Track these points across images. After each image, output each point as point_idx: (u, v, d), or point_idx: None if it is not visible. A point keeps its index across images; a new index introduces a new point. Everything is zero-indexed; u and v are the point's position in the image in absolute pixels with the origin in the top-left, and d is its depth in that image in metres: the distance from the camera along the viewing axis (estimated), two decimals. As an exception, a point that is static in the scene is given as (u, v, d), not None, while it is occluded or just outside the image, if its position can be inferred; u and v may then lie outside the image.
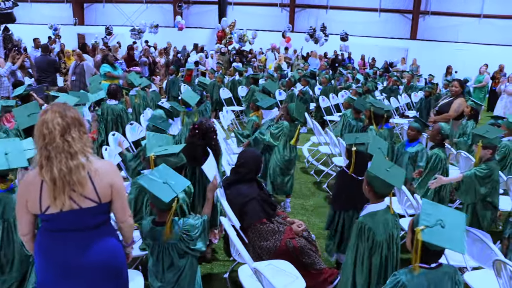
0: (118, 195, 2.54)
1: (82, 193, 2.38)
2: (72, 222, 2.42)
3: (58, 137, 2.32)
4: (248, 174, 4.32)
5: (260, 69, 15.50)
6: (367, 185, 3.22)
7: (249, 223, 4.10)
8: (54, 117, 2.34)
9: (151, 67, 15.16)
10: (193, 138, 4.43)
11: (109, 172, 2.49)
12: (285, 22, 23.97)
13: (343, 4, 24.04)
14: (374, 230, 3.12)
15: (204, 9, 25.79)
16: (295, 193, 6.80)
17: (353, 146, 4.15)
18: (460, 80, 7.93)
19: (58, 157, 2.32)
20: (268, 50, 18.99)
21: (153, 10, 25.91)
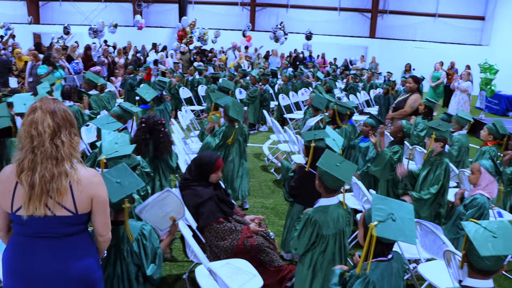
0: (99, 208, 2.37)
1: (60, 202, 2.23)
2: (43, 229, 2.26)
3: (48, 140, 2.18)
4: (201, 176, 4.28)
5: (221, 68, 15.45)
6: (318, 180, 3.26)
7: (205, 223, 4.07)
8: (45, 117, 2.19)
9: (110, 67, 14.88)
10: (139, 132, 4.46)
11: (92, 183, 2.31)
12: (246, 21, 24.00)
13: (304, 3, 24.26)
14: (320, 224, 3.15)
15: (165, 8, 25.52)
16: (254, 192, 6.81)
17: (312, 142, 4.18)
18: (414, 77, 8.12)
19: (45, 162, 2.18)
20: (229, 49, 18.96)
21: (112, 9, 25.44)
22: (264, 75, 11.63)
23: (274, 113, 11.66)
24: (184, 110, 8.43)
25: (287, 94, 11.18)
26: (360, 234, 2.63)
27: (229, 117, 5.68)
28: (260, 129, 11.09)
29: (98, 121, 4.86)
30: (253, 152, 8.86)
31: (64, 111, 2.28)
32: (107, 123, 4.67)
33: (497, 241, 2.22)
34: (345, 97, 12.51)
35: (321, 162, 3.19)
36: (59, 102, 2.31)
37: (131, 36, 20.86)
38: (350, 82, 13.51)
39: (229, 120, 5.73)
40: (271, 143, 8.92)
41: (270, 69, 13.98)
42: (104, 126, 4.58)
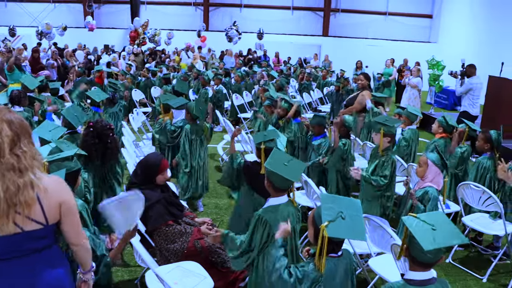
0: (68, 214, 2.23)
1: (28, 215, 2.08)
2: (10, 248, 2.10)
3: (8, 151, 2.03)
4: (147, 179, 4.19)
5: (175, 69, 15.29)
6: (266, 180, 3.24)
7: (153, 226, 4.00)
8: (2, 127, 2.04)
9: (60, 70, 14.44)
10: (87, 137, 4.34)
11: (58, 189, 2.19)
12: (200, 21, 23.87)
13: (257, 2, 24.36)
14: (271, 224, 3.13)
15: (116, 9, 25.03)
16: (208, 192, 6.75)
17: (262, 144, 4.17)
18: (365, 74, 8.28)
19: (7, 175, 2.02)
20: (182, 49, 18.80)
21: (62, 10, 24.73)
22: (217, 75, 11.57)
23: (228, 112, 11.63)
24: (136, 112, 8.27)
25: (240, 94, 11.16)
26: (311, 233, 2.65)
27: (192, 115, 5.75)
28: (214, 129, 11.02)
29: (40, 130, 4.62)
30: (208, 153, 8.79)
31: (21, 120, 2.14)
32: (50, 131, 4.49)
33: (437, 234, 2.26)
34: (299, 95, 12.62)
35: (268, 162, 3.17)
36: (14, 112, 2.17)
37: (82, 38, 20.35)
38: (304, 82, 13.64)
39: (191, 119, 5.80)
40: (225, 143, 8.88)
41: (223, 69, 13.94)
42: (46, 134, 4.42)
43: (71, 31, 19.74)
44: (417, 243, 2.25)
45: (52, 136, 4.35)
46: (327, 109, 12.29)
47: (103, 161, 4.54)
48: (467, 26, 19.68)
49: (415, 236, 2.26)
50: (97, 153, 4.40)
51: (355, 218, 2.53)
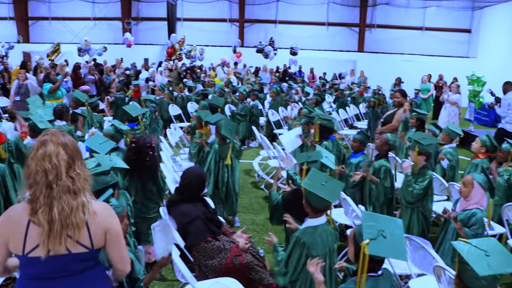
0: (114, 241, 2.28)
1: (77, 239, 2.13)
2: (56, 268, 2.15)
3: (64, 174, 2.10)
4: (192, 193, 4.25)
5: (211, 84, 15.48)
6: (304, 200, 3.23)
7: (193, 242, 4.03)
8: (58, 150, 2.10)
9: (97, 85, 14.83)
10: (130, 152, 4.42)
11: (106, 216, 2.24)
12: (235, 37, 24.14)
13: (292, 18, 24.49)
14: (309, 245, 3.11)
15: (154, 26, 25.63)
16: (245, 208, 6.77)
17: (305, 164, 4.13)
18: (402, 91, 8.15)
19: (63, 197, 2.09)
20: (218, 65, 19.01)
21: (101, 27, 25.51)
22: (253, 91, 11.65)
23: (264, 128, 11.65)
24: (173, 127, 8.39)
25: (276, 110, 11.18)
26: (351, 251, 2.63)
27: (221, 135, 5.70)
28: (250, 145, 11.07)
29: (91, 141, 4.79)
30: (243, 168, 8.82)
31: (73, 142, 2.21)
32: (100, 144, 4.63)
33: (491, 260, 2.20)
34: (335, 111, 12.56)
35: (306, 182, 3.16)
36: (66, 134, 2.24)
37: (120, 54, 20.89)
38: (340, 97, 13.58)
39: (220, 138, 5.75)
40: (261, 159, 8.88)
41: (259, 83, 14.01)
42: (97, 147, 4.55)
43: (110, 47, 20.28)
44: (471, 269, 2.19)
45: (102, 149, 4.49)
46: (364, 125, 12.18)
47: (141, 177, 4.56)
48: (507, 40, 19.21)
49: (468, 261, 2.20)
50: (137, 169, 4.46)
51: (396, 237, 2.51)
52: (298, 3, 24.19)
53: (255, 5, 25.03)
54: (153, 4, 25.51)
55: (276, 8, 24.75)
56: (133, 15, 25.93)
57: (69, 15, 25.62)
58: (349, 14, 24.29)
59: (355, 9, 24.14)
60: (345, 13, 24.26)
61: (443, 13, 22.92)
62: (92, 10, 25.91)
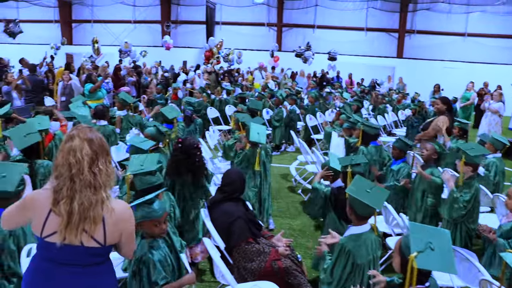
0: (127, 241, 2.40)
1: (92, 234, 2.23)
2: (69, 257, 2.26)
3: (87, 169, 2.19)
4: (234, 193, 4.30)
5: (248, 88, 15.55)
6: (348, 206, 3.20)
7: (236, 242, 4.05)
8: (83, 145, 2.20)
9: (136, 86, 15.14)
10: (176, 152, 4.44)
11: (123, 218, 2.33)
12: (273, 41, 24.17)
13: (330, 23, 24.33)
14: (354, 253, 3.08)
15: (192, 29, 25.95)
16: (282, 213, 6.76)
17: (349, 167, 4.09)
18: (443, 98, 7.97)
19: (84, 191, 2.19)
20: (255, 69, 19.08)
21: (141, 30, 26.02)
22: (291, 95, 11.63)
23: (301, 133, 11.61)
24: (212, 130, 8.47)
25: (314, 115, 11.13)
26: (396, 262, 2.58)
27: (250, 141, 5.65)
28: (287, 149, 11.04)
29: (133, 139, 4.95)
30: (280, 173, 8.81)
31: (100, 139, 2.29)
32: (141, 142, 4.79)
33: None
34: (373, 117, 12.40)
35: (350, 189, 3.14)
36: (94, 130, 2.33)
37: (159, 57, 21.25)
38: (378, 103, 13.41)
39: (251, 143, 5.69)
40: (298, 164, 8.85)
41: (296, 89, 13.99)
42: (139, 144, 4.70)
43: (149, 50, 20.69)
44: None
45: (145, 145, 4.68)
46: (402, 132, 11.98)
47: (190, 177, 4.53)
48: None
49: None
50: (186, 169, 4.44)
51: (444, 249, 2.46)
52: (337, 8, 24.01)
53: (293, 10, 25.00)
54: (192, 8, 25.84)
55: (315, 13, 24.66)
56: (173, 19, 26.34)
57: (111, 18, 26.25)
58: (388, 20, 23.92)
59: (394, 14, 23.77)
60: (384, 18, 23.92)
61: (487, 18, 22.21)
62: (132, 13, 26.47)
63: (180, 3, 26.30)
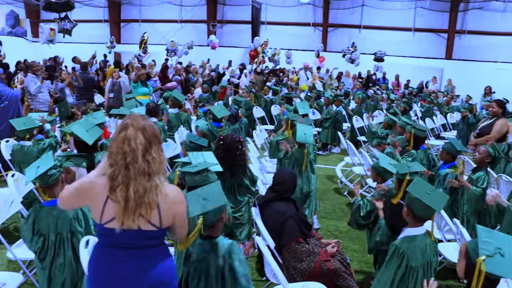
0: (180, 223, 2.49)
1: (148, 218, 2.32)
2: (129, 241, 2.37)
3: (141, 157, 2.26)
4: (286, 193, 4.32)
5: (293, 88, 15.51)
6: (406, 207, 3.15)
7: (287, 241, 4.06)
8: (137, 134, 2.28)
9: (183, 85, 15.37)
10: (217, 150, 4.49)
11: (176, 201, 2.41)
12: (318, 41, 24.01)
13: (376, 23, 23.93)
14: (409, 255, 3.03)
15: (237, 29, 26.13)
16: (328, 214, 6.72)
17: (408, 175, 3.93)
18: (499, 101, 7.74)
19: (138, 178, 2.26)
20: (300, 69, 19.00)
21: (188, 29, 26.40)
22: (337, 96, 11.54)
23: (346, 134, 11.50)
24: (259, 129, 8.51)
25: (360, 116, 11.00)
26: (461, 267, 2.51)
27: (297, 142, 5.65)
28: (333, 150, 10.95)
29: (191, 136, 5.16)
30: (326, 174, 8.75)
31: (153, 127, 2.37)
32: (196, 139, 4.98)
33: None
34: (420, 120, 12.13)
35: (411, 188, 3.09)
36: (147, 118, 2.41)
37: (205, 55, 21.51)
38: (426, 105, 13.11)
39: (298, 143, 5.70)
40: (344, 165, 8.77)
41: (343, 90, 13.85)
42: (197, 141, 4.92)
43: (195, 48, 20.94)
44: None
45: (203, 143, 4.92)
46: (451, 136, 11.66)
47: (232, 173, 4.60)
48: None
49: None
50: (226, 166, 4.47)
51: None
52: (384, 7, 23.60)
53: (339, 10, 24.75)
54: (238, 7, 26.02)
55: (361, 13, 24.32)
56: (218, 18, 26.61)
57: (158, 17, 26.77)
58: (437, 20, 23.25)
59: (444, 14, 23.08)
60: (433, 18, 23.26)
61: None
62: (179, 13, 26.90)
63: (226, 3, 26.54)
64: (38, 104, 8.77)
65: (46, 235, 3.32)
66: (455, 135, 11.19)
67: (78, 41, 24.04)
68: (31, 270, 4.18)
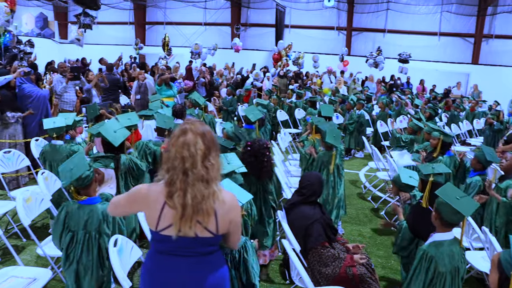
0: (235, 229, 2.45)
1: (206, 225, 2.28)
2: (183, 248, 2.33)
3: (200, 163, 2.22)
4: (312, 196, 4.32)
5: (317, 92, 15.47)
6: (435, 211, 3.12)
7: (313, 245, 4.06)
8: (196, 140, 2.23)
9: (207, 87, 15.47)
10: (245, 155, 4.50)
11: (232, 207, 2.37)
12: (342, 45, 23.90)
13: (401, 27, 23.69)
14: (437, 259, 3.00)
15: (261, 32, 26.16)
16: (351, 219, 6.69)
17: (431, 176, 3.95)
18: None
19: (196, 184, 2.22)
20: (324, 73, 18.95)
21: (212, 32, 26.56)
22: (360, 100, 11.47)
23: (370, 139, 11.42)
24: (283, 132, 8.51)
25: (385, 121, 10.91)
26: (493, 279, 2.48)
27: (325, 143, 5.64)
28: (356, 155, 10.89)
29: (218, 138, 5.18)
30: (349, 179, 8.71)
31: (211, 133, 2.31)
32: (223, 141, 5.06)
33: None
34: (445, 126, 11.98)
35: (441, 192, 3.05)
36: (204, 124, 2.37)
37: (229, 58, 21.61)
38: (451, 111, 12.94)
39: (326, 146, 5.69)
40: (368, 170, 8.71)
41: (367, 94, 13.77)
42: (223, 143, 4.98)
43: (218, 51, 21.06)
44: None
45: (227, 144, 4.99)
46: (477, 142, 11.50)
47: (258, 178, 4.62)
48: None
49: None
50: (253, 171, 4.52)
51: None
52: (409, 12, 23.38)
53: (363, 13, 24.59)
54: (262, 10, 26.07)
55: (386, 17, 24.11)
56: (242, 21, 26.70)
57: (182, 20, 27.03)
58: (464, 24, 22.88)
59: (470, 18, 22.74)
60: (460, 22, 22.90)
61: None
62: (203, 15, 27.09)
63: (250, 6, 26.62)
64: (63, 104, 8.94)
65: (75, 231, 3.40)
66: (481, 142, 11.03)
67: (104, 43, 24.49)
68: (59, 266, 4.28)
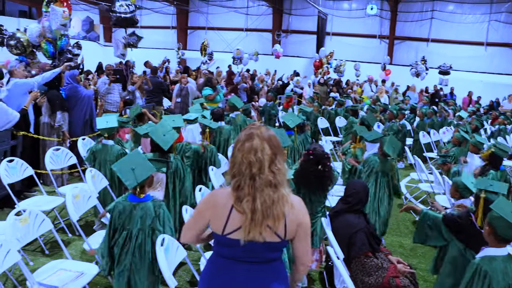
0: (304, 234, 2.36)
1: (275, 229, 2.24)
2: (249, 253, 2.28)
3: (267, 168, 2.21)
4: (357, 205, 4.30)
5: (358, 101, 15.33)
6: (487, 225, 3.03)
7: (356, 254, 4.04)
8: (263, 145, 2.22)
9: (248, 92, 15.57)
10: (307, 163, 4.40)
11: (300, 210, 2.33)
12: (384, 54, 23.63)
13: (446, 37, 23.23)
14: (491, 275, 2.91)
15: (302, 39, 26.20)
16: (392, 230, 6.60)
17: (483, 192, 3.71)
18: None
19: (265, 190, 2.20)
20: (365, 81, 18.76)
21: (253, 38, 26.79)
22: (401, 110, 11.31)
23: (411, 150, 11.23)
24: (325, 140, 8.49)
25: (426, 131, 10.72)
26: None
27: (383, 151, 5.57)
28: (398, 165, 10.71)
29: None
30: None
31: (276, 138, 2.30)
32: None
33: None
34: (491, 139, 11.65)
35: (496, 205, 2.97)
36: (269, 129, 2.38)
37: (269, 65, 21.70)
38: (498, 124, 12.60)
39: (382, 154, 5.62)
40: (409, 181, 8.57)
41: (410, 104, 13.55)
42: None
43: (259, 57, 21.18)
44: None
45: None
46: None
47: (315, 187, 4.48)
48: None
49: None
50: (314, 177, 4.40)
51: None
52: (454, 20, 22.93)
53: (407, 22, 24.28)
54: (304, 17, 26.12)
55: (430, 26, 23.73)
56: (284, 28, 26.83)
57: (224, 25, 27.42)
58: (513, 34, 22.24)
59: (521, 27, 22.07)
60: (509, 32, 22.24)
61: None
62: (245, 21, 27.38)
63: (292, 13, 26.70)
64: (107, 104, 9.22)
65: (130, 229, 3.49)
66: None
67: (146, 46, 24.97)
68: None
